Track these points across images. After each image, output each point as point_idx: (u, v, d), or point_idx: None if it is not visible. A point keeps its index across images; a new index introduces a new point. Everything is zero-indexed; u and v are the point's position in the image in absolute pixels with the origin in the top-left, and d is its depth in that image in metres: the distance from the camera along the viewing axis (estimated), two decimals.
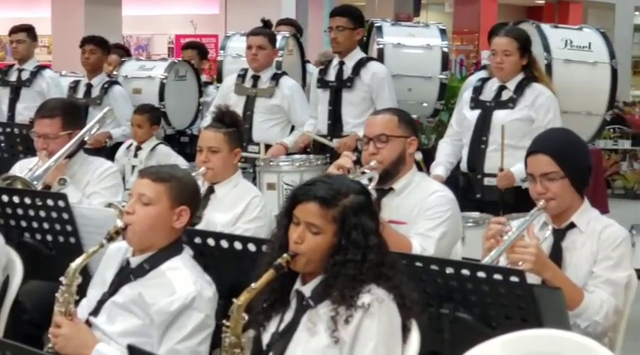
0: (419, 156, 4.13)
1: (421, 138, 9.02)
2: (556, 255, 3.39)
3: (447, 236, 3.73)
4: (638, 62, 22.69)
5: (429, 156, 7.65)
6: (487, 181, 5.17)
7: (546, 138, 3.54)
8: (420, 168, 4.08)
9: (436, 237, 3.68)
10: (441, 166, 5.30)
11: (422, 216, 3.72)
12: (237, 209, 4.15)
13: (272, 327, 2.83)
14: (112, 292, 3.10)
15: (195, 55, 8.10)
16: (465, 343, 2.80)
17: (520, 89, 5.15)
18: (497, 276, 2.94)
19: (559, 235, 3.42)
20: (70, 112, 4.43)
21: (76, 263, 3.04)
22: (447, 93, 7.35)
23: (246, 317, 2.74)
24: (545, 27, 6.15)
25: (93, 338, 3.00)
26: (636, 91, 20.85)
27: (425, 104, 6.41)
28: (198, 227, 3.85)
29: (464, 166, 5.30)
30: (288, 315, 2.81)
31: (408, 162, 3.82)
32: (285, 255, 2.74)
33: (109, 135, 6.87)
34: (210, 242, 3.44)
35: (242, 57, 6.35)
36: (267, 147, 6.02)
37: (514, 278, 2.91)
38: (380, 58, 6.21)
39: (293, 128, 6.24)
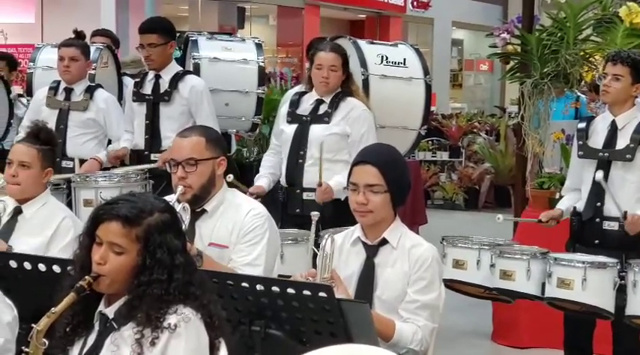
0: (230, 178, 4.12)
1: (243, 152, 9.01)
2: (368, 270, 3.45)
3: (270, 257, 3.75)
4: (457, 75, 23.51)
5: (250, 170, 7.65)
6: (306, 196, 5.19)
7: (375, 152, 3.60)
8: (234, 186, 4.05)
9: (263, 265, 3.69)
10: (263, 178, 5.31)
11: (242, 240, 3.71)
12: (48, 231, 4.03)
13: (75, 352, 2.73)
14: None
15: (4, 66, 7.77)
16: None
17: (335, 103, 5.20)
18: (306, 292, 2.95)
19: (372, 251, 3.48)
20: None
21: None
22: (267, 107, 7.36)
23: (47, 343, 2.63)
24: (362, 43, 6.25)
25: None
26: (455, 104, 21.57)
27: (243, 118, 6.37)
28: None
29: (283, 181, 5.31)
30: (92, 338, 2.71)
31: (217, 182, 3.77)
32: (87, 277, 2.64)
33: None
34: (13, 264, 3.30)
35: (53, 69, 6.13)
36: (82, 162, 5.84)
37: (322, 294, 2.92)
38: (196, 72, 6.11)
39: (110, 142, 6.09)
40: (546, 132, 6.23)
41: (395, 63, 6.13)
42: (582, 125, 4.73)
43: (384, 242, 3.47)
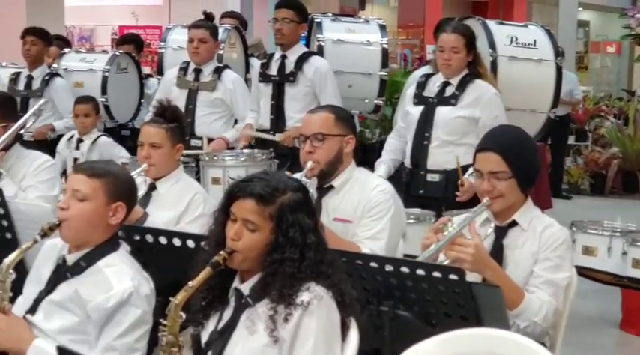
0: None
1: (365, 133, 9.03)
2: (497, 252, 3.38)
3: (393, 232, 3.75)
4: (582, 58, 22.92)
5: (372, 151, 7.66)
6: (430, 177, 5.17)
7: (498, 136, 3.50)
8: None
9: (386, 239, 3.69)
10: (383, 165, 5.29)
11: (367, 214, 3.73)
12: (180, 207, 4.11)
13: (211, 325, 2.80)
14: (48, 290, 3.04)
15: (133, 49, 7.97)
16: (406, 340, 2.78)
17: (463, 86, 5.14)
18: (437, 274, 2.93)
19: (501, 233, 3.41)
20: (5, 105, 4.36)
21: (10, 259, 2.97)
22: (390, 88, 7.35)
23: (184, 316, 2.70)
24: (491, 23, 6.16)
25: (30, 334, 2.94)
26: (581, 87, 21.02)
27: (366, 100, 6.39)
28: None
29: (407, 162, 5.29)
30: (227, 313, 2.78)
31: (345, 160, 3.80)
32: (221, 252, 2.70)
33: (52, 128, 6.87)
34: (149, 238, 3.39)
35: (183, 49, 6.27)
36: (210, 141, 5.96)
37: (453, 276, 2.89)
38: (320, 54, 6.16)
39: (236, 122, 6.19)
40: None
41: (525, 44, 6.02)
42: None
43: (514, 224, 3.41)
